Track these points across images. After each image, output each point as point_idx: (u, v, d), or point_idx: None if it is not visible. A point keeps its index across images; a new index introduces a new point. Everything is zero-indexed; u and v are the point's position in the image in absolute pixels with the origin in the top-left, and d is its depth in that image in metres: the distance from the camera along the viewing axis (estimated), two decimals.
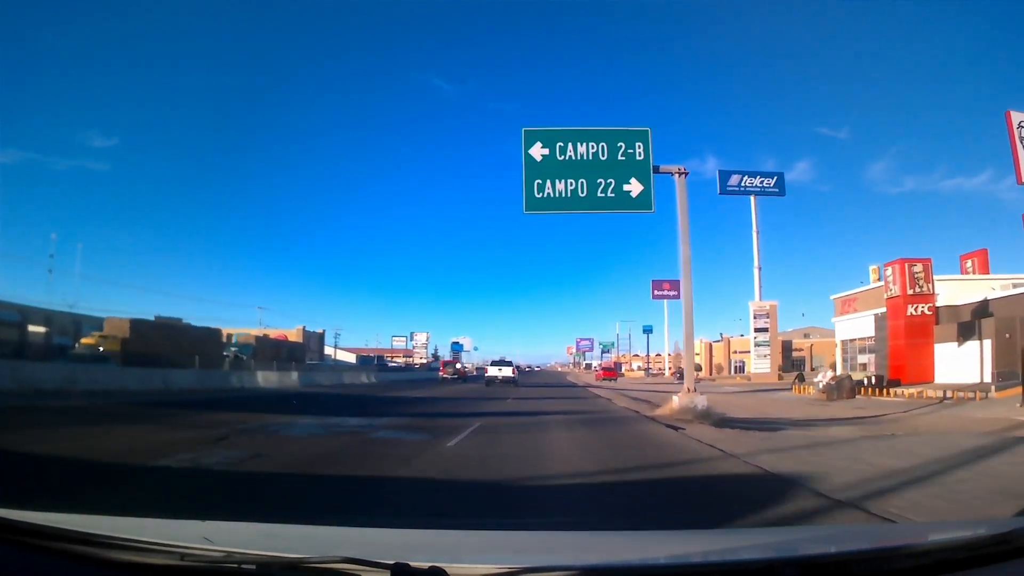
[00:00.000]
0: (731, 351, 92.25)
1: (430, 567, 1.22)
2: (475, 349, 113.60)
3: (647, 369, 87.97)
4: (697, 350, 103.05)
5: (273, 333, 61.39)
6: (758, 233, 51.73)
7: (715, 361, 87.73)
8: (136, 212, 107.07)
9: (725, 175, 53.06)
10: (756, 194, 53.62)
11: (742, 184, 53.99)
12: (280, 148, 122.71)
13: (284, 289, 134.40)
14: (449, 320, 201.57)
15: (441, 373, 48.14)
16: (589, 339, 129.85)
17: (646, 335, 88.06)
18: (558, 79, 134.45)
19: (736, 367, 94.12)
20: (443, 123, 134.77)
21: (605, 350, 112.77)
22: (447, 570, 1.22)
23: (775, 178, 54.56)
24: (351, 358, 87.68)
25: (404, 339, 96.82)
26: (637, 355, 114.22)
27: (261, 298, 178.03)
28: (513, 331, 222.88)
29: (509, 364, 36.87)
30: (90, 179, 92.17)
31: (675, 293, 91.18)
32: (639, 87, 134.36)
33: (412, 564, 1.23)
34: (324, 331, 69.77)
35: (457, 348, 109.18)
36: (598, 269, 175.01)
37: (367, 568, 1.24)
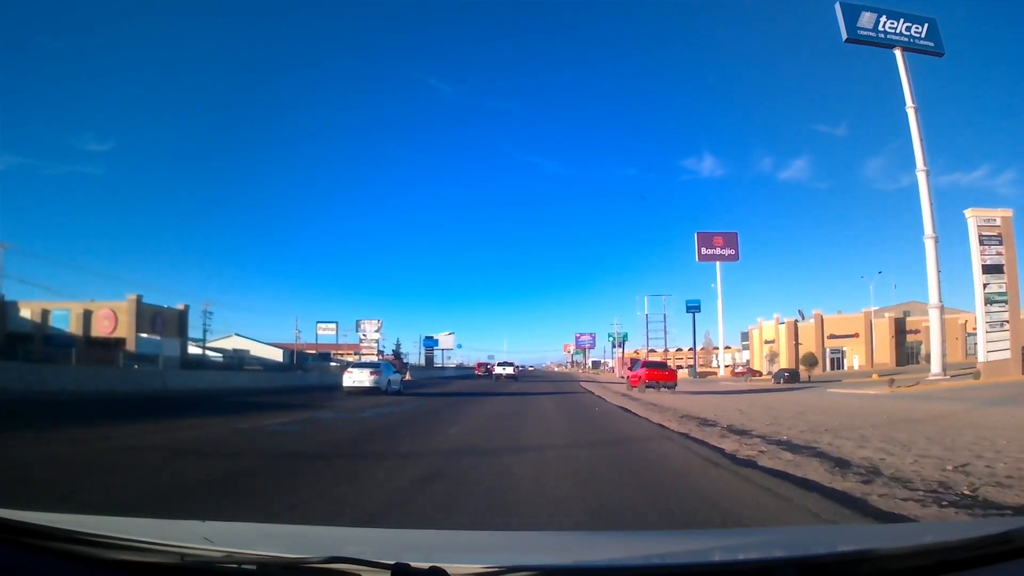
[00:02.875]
0: (824, 335, 62.76)
1: (430, 567, 1.28)
2: (458, 347, 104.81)
3: (693, 367, 69.93)
4: (769, 336, 74.87)
5: (101, 309, 46.62)
6: (916, 111, 31.92)
7: (803, 350, 58.05)
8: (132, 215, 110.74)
9: (852, 11, 32.78)
10: (904, 47, 33.18)
11: (879, 28, 33.14)
12: (273, 148, 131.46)
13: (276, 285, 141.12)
14: (424, 313, 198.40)
15: (476, 372, 64.92)
16: (590, 334, 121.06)
17: (691, 314, 60.34)
18: (555, 78, 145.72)
19: (832, 360, 64.52)
20: (440, 121, 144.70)
21: (617, 343, 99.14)
22: (447, 570, 1.28)
23: (926, 25, 33.96)
24: (275, 354, 73.04)
25: (333, 327, 70.05)
26: (654, 351, 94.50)
27: (261, 297, 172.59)
28: (502, 327, 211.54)
29: (511, 364, 52.86)
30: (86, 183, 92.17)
31: (732, 252, 64.08)
32: (636, 85, 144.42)
33: (412, 564, 1.29)
34: (187, 307, 42.52)
35: (430, 344, 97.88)
36: (599, 258, 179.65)
37: (367, 568, 1.30)
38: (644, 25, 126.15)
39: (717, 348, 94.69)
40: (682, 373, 77.75)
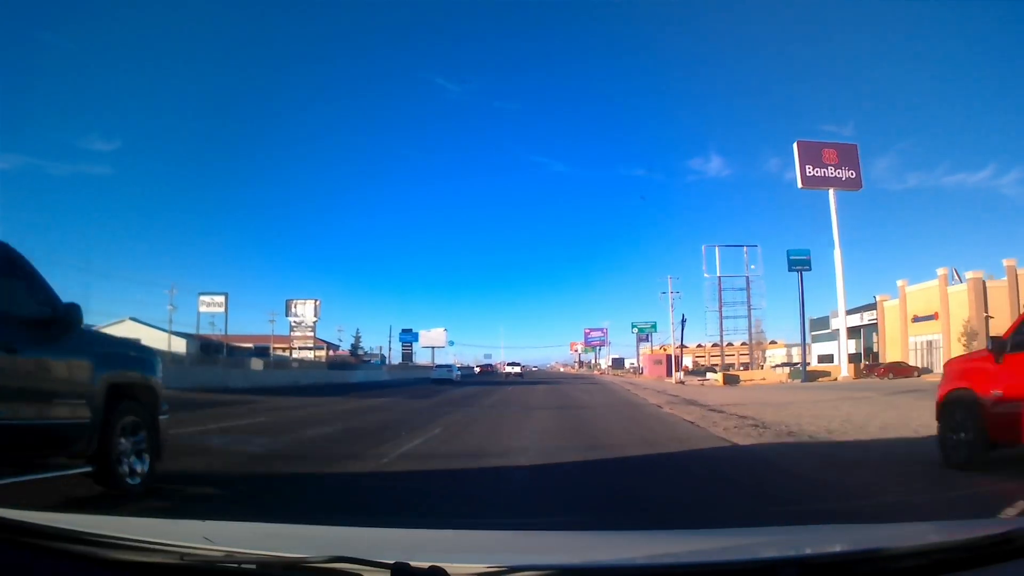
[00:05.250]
0: (1021, 301, 33.17)
1: (430, 567, 1.34)
2: (451, 344, 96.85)
3: (803, 366, 49.52)
4: (922, 307, 50.93)
5: None
6: None
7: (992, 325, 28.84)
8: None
9: None
10: None
11: None
12: (279, 146, 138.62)
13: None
14: (412, 308, 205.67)
15: (502, 371, 78.47)
16: (601, 329, 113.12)
17: (797, 272, 33.27)
18: (560, 78, 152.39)
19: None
20: (445, 120, 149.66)
21: (643, 333, 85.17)
22: (447, 570, 1.35)
23: None
24: (178, 344, 55.38)
25: (221, 300, 48.47)
26: (683, 346, 73.32)
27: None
28: (502, 325, 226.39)
29: (518, 364, 72.49)
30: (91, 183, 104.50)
31: (851, 174, 42.53)
32: (642, 85, 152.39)
33: (412, 564, 1.35)
34: None
35: (407, 339, 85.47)
36: (604, 257, 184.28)
37: (367, 568, 1.36)
38: (650, 27, 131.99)
39: (769, 342, 68.97)
40: (774, 375, 52.46)
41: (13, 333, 4.16)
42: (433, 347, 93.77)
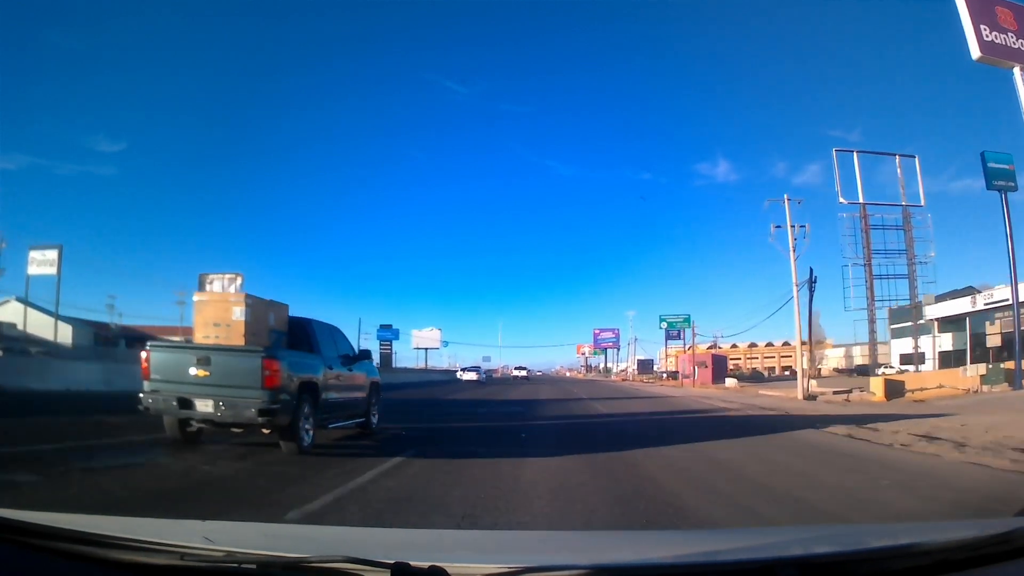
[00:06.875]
0: None
1: (430, 567, 1.41)
2: (445, 344, 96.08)
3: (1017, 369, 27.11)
4: None
5: None
6: None
7: None
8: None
9: None
10: None
11: None
12: (285, 148, 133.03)
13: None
14: (407, 308, 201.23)
15: (515, 374, 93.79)
16: (613, 329, 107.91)
17: (998, 192, 14.14)
18: (569, 81, 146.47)
19: None
20: (452, 122, 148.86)
21: (673, 329, 74.06)
22: (447, 570, 1.42)
23: None
24: (64, 333, 46.12)
25: (52, 257, 38.35)
26: (811, 341, 48.81)
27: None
28: (504, 327, 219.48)
29: (524, 368, 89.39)
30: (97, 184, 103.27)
31: None
32: (649, 88, 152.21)
33: (412, 564, 1.41)
34: None
35: (387, 336, 77.65)
36: (610, 259, 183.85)
37: (367, 568, 1.43)
38: (658, 29, 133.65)
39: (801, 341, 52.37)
40: (958, 379, 36.67)
41: (346, 362, 10.78)
42: (426, 348, 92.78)
